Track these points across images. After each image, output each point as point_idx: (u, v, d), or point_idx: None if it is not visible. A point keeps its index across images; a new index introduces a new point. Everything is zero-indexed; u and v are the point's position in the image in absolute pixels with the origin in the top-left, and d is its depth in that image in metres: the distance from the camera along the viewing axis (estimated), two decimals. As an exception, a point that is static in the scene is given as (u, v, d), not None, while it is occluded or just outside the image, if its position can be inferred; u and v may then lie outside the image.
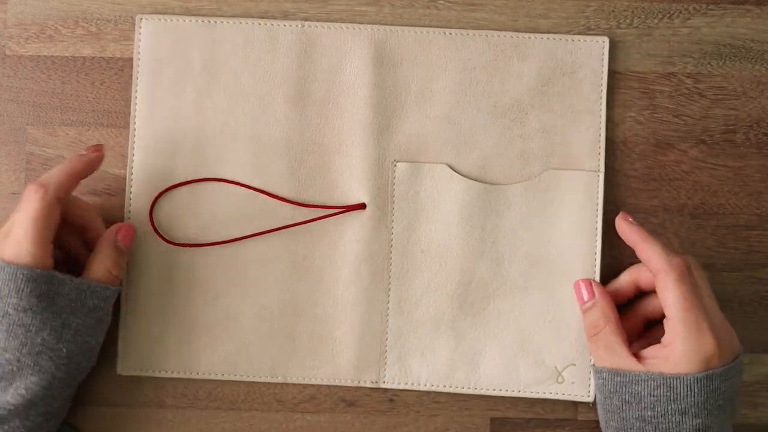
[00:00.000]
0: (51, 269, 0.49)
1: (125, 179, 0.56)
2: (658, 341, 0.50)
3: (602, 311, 0.52)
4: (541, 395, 0.55)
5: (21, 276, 0.48)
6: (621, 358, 0.50)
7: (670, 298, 0.49)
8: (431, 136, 0.56)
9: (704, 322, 0.48)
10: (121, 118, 0.56)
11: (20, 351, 0.48)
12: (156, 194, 0.55)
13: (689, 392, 0.48)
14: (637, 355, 0.50)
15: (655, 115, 0.56)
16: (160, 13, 0.56)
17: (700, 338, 0.48)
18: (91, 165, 0.52)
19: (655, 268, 0.50)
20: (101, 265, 0.51)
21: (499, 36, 0.56)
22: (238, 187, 0.55)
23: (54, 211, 0.49)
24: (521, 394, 0.54)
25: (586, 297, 0.53)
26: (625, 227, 0.53)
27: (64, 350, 0.49)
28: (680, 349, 0.49)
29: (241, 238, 0.55)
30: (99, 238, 0.52)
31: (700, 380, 0.48)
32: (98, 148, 0.52)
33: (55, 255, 0.50)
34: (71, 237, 0.53)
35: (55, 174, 0.50)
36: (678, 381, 0.48)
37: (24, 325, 0.48)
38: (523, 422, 0.56)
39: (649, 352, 0.50)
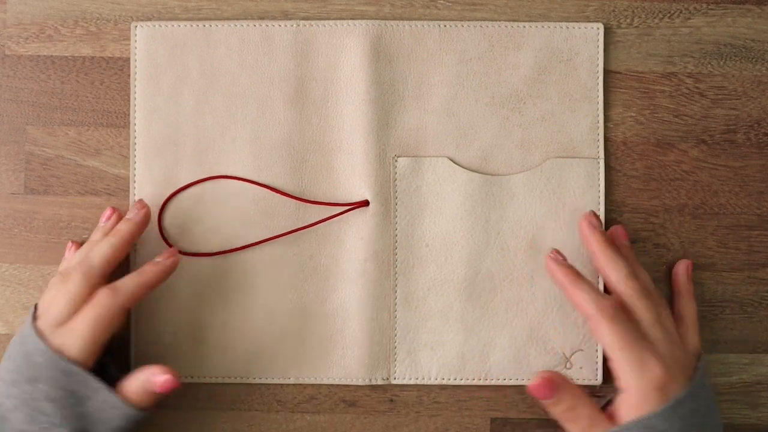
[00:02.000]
0: (89, 369, 0.49)
1: (125, 179, 0.56)
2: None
3: (570, 398, 0.50)
4: None
5: (60, 367, 0.48)
6: (600, 426, 0.49)
7: (608, 342, 0.49)
8: (431, 129, 0.56)
9: (646, 352, 0.49)
10: (120, 118, 0.56)
11: None
12: (162, 201, 0.55)
13: (668, 424, 0.48)
14: (610, 414, 0.50)
15: (656, 115, 0.56)
16: (159, 13, 0.56)
17: (647, 371, 0.48)
18: (165, 274, 0.52)
19: (587, 314, 0.51)
20: (133, 392, 0.50)
21: (493, 26, 0.56)
22: (241, 190, 0.55)
23: (117, 320, 0.50)
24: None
25: (547, 397, 0.51)
26: (553, 268, 0.53)
27: None
28: (635, 388, 0.49)
29: (250, 245, 0.55)
30: (144, 367, 0.51)
31: (673, 408, 0.48)
32: (172, 253, 0.52)
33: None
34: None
35: (129, 283, 0.50)
36: (654, 419, 0.48)
37: (46, 414, 0.48)
38: (523, 422, 0.56)
39: (617, 404, 0.50)
